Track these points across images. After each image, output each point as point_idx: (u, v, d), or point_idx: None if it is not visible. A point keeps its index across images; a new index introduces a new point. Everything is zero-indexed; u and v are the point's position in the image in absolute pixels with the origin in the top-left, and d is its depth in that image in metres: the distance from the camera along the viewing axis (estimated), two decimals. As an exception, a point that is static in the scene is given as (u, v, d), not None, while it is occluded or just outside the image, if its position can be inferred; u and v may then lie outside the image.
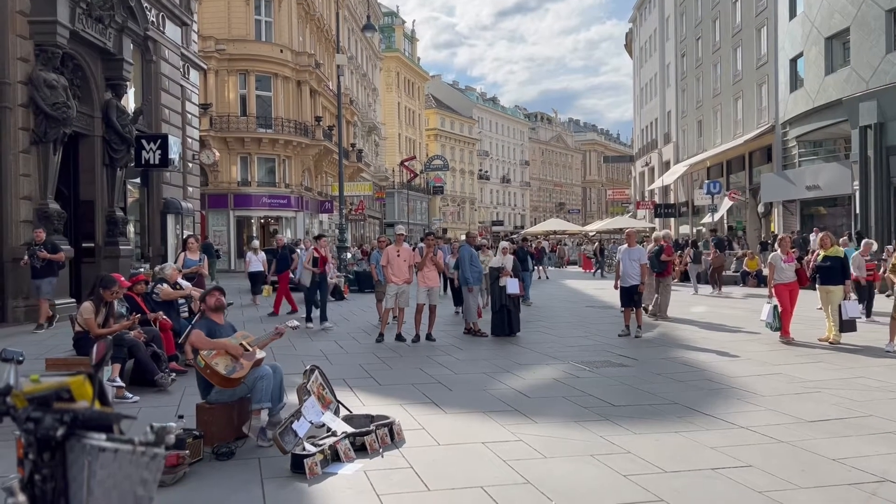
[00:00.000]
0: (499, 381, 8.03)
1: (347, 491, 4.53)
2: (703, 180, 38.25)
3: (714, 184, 32.83)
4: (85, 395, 2.05)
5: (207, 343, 5.55)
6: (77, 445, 1.87)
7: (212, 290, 6.12)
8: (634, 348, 10.51)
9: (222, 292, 6.15)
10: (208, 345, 5.54)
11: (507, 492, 4.47)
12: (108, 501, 1.90)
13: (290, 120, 35.38)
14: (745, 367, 8.81)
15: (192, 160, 22.81)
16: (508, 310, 11.69)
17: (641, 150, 58.33)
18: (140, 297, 8.55)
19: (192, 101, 22.73)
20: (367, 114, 53.85)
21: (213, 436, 5.33)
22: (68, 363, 7.07)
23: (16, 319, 12.76)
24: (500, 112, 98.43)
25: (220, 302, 6.03)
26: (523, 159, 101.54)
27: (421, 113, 74.52)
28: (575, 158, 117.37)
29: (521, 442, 5.59)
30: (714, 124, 39.71)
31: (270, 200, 35.56)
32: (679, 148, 46.18)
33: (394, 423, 5.66)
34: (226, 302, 6.21)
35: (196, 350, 5.58)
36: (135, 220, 18.65)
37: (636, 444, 5.49)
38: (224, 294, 6.18)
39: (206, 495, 4.44)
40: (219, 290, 6.13)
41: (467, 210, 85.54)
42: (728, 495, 4.42)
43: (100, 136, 15.63)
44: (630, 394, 7.39)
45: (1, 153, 12.82)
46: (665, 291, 14.37)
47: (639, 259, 11.75)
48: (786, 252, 10.84)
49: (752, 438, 5.68)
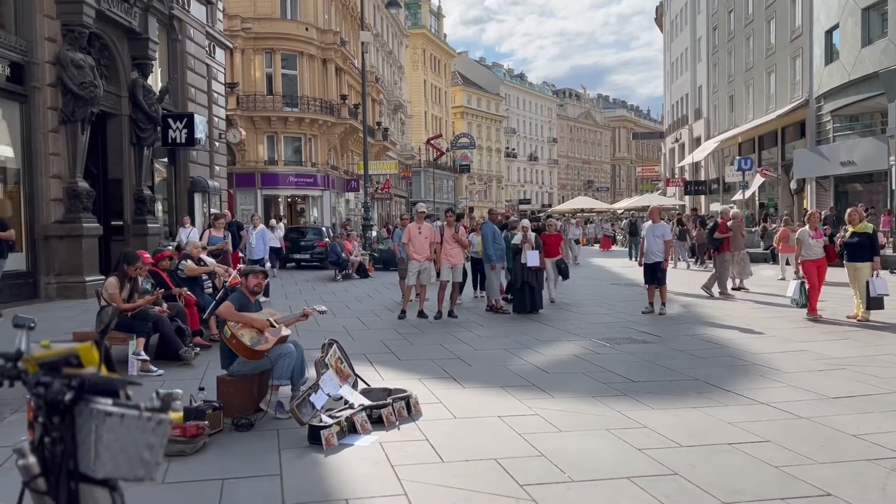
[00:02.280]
0: (518, 357, 8.04)
1: (363, 461, 4.59)
2: (734, 157, 37.56)
3: (745, 160, 32.22)
4: (92, 361, 2.10)
5: (235, 315, 5.63)
6: (85, 410, 1.92)
7: (257, 272, 6.10)
8: (658, 325, 10.44)
9: (265, 276, 6.21)
10: (236, 317, 5.62)
11: (521, 464, 4.50)
12: (115, 464, 1.94)
13: (316, 98, 35.44)
14: (770, 344, 8.71)
15: (219, 139, 22.99)
16: (531, 287, 11.66)
17: (671, 126, 57.43)
18: (165, 273, 8.69)
19: (218, 80, 22.86)
20: (393, 92, 53.71)
21: (234, 408, 5.43)
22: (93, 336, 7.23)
23: (48, 296, 13.06)
24: (527, 89, 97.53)
25: (259, 287, 6.04)
26: (551, 136, 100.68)
27: (447, 90, 74.11)
28: (604, 135, 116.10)
29: (537, 416, 5.60)
30: (746, 99, 38.92)
31: (297, 179, 35.78)
32: (710, 124, 45.39)
33: (410, 397, 5.71)
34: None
35: (223, 321, 5.67)
36: (162, 199, 18.90)
37: (653, 419, 5.47)
38: (266, 277, 6.23)
39: (225, 464, 4.53)
40: (263, 275, 6.15)
41: (494, 188, 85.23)
42: (743, 469, 4.40)
43: (127, 115, 15.82)
44: (650, 370, 7.35)
45: (31, 132, 13.06)
46: (722, 269, 14.29)
47: (662, 235, 11.63)
48: (814, 228, 10.64)
49: (771, 414, 5.63)
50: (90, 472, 1.95)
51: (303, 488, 4.14)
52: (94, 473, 1.95)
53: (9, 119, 13.02)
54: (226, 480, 4.23)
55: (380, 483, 4.21)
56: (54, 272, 13.21)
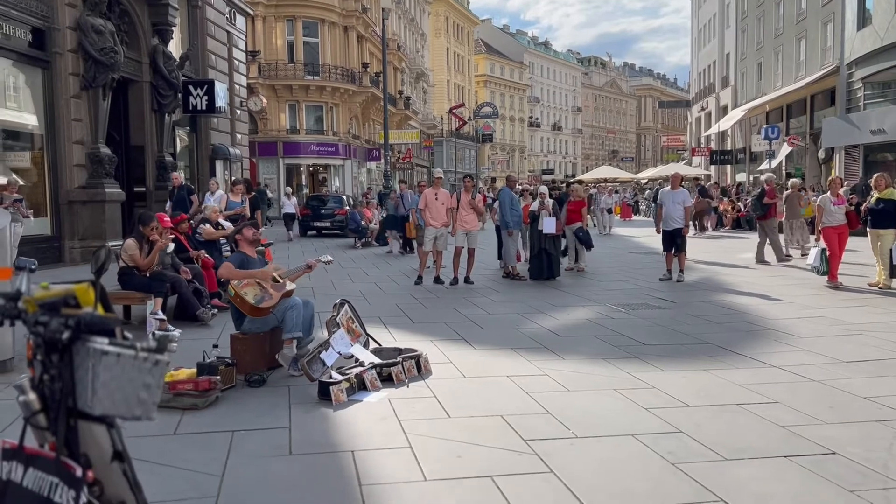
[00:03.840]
0: (531, 321, 8.06)
1: (370, 416, 4.66)
2: (761, 126, 36.87)
3: (772, 129, 31.62)
4: (88, 301, 2.15)
5: (237, 274, 5.70)
6: (82, 349, 1.97)
7: (247, 224, 6.25)
8: (675, 291, 10.38)
9: (255, 226, 6.31)
10: (238, 275, 5.69)
11: (526, 420, 4.54)
12: (112, 402, 2.00)
13: (338, 67, 35.31)
14: (787, 310, 8.63)
15: (240, 107, 23.04)
16: (548, 253, 11.63)
17: (698, 94, 56.41)
18: (183, 237, 8.80)
19: (239, 48, 22.85)
20: (415, 60, 53.31)
21: (247, 364, 5.53)
22: (114, 297, 7.36)
23: (72, 260, 13.29)
24: (552, 57, 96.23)
25: (256, 234, 6.16)
26: (575, 106, 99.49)
27: (470, 59, 73.35)
28: (629, 104, 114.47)
29: (546, 376, 5.63)
30: (775, 67, 38.06)
31: (318, 148, 35.83)
32: (737, 92, 44.50)
33: (420, 356, 5.76)
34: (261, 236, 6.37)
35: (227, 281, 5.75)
36: (184, 166, 19.04)
37: (662, 380, 5.47)
38: (257, 227, 6.33)
39: (235, 418, 4.62)
40: (252, 224, 6.27)
41: (517, 158, 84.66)
42: (749, 428, 4.40)
43: (148, 81, 15.91)
44: (663, 334, 7.33)
45: (53, 98, 13.19)
46: (773, 235, 14.20)
47: (682, 202, 11.50)
48: (835, 194, 10.46)
49: (782, 377, 5.60)
50: (88, 409, 2.00)
51: (310, 440, 4.22)
52: (91, 410, 2.01)
53: (31, 85, 13.16)
54: (236, 432, 4.32)
55: (386, 436, 4.28)
56: (78, 237, 13.42)
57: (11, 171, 12.91)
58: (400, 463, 3.85)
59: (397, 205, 17.13)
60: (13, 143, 13.19)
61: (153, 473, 3.67)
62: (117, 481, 2.19)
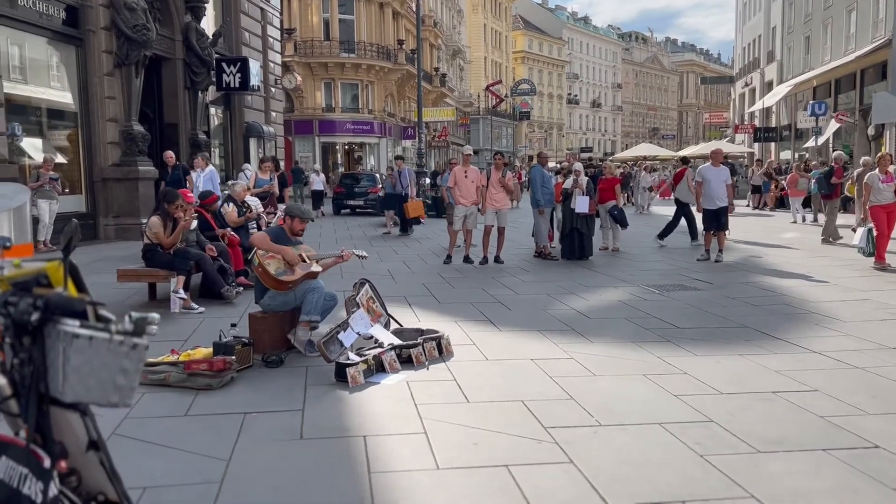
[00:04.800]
0: (561, 302, 7.83)
1: (385, 399, 4.52)
2: (807, 101, 35.66)
3: (819, 104, 30.53)
4: (59, 281, 2.01)
5: (268, 245, 5.58)
6: (53, 331, 1.84)
7: (304, 219, 5.96)
8: (712, 272, 10.04)
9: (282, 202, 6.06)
10: (267, 247, 5.57)
11: (548, 406, 4.35)
12: (84, 388, 1.86)
13: (373, 44, 35.09)
14: (830, 293, 8.25)
15: (275, 85, 23.00)
16: (580, 232, 11.35)
17: (742, 70, 54.79)
18: (210, 215, 8.74)
19: (273, 25, 22.75)
20: (452, 37, 52.74)
21: (265, 344, 5.42)
22: (138, 273, 7.37)
23: (107, 237, 13.43)
24: (591, 32, 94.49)
25: (301, 232, 5.91)
26: (615, 82, 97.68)
27: (508, 35, 72.36)
28: (671, 81, 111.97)
29: (572, 360, 5.42)
30: (823, 40, 36.67)
31: (354, 126, 35.76)
32: (783, 67, 43.07)
33: (442, 337, 5.60)
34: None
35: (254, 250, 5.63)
36: (218, 144, 19.11)
37: (694, 366, 5.23)
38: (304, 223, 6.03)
39: (249, 399, 4.52)
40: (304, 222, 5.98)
41: (555, 136, 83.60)
42: (784, 418, 4.14)
43: (181, 59, 15.93)
44: (698, 317, 7.06)
45: (87, 76, 13.27)
46: (832, 215, 13.86)
47: (726, 179, 11.09)
48: (884, 171, 9.95)
49: (823, 363, 5.31)
50: (59, 396, 1.88)
51: (322, 424, 4.09)
52: (62, 397, 1.88)
53: (66, 62, 13.25)
54: (247, 414, 4.22)
55: (401, 421, 4.13)
56: (112, 214, 13.56)
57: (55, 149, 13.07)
58: (413, 450, 3.70)
59: (395, 183, 16.27)
60: (49, 121, 13.33)
61: (159, 456, 3.59)
62: (95, 471, 2.06)
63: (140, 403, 4.39)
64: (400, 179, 16.03)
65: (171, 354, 5.09)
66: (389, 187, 16.73)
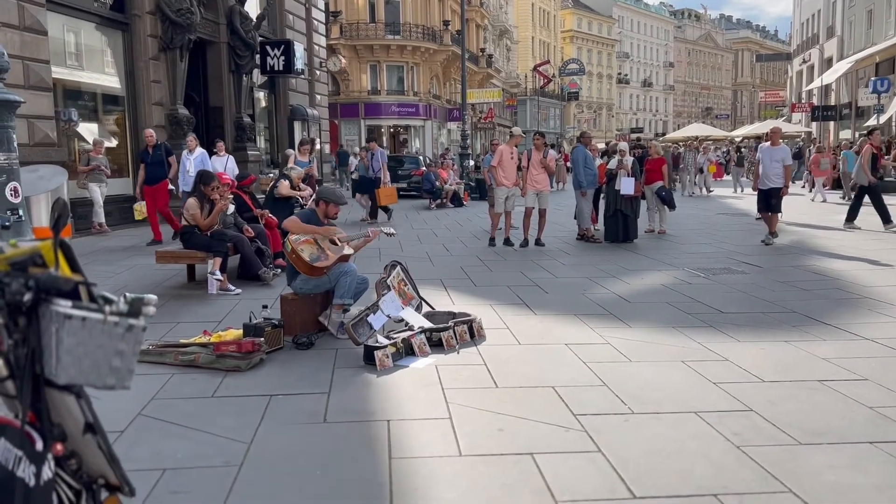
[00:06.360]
0: (600, 286, 7.64)
1: (414, 383, 4.45)
2: (869, 78, 34.18)
3: (882, 81, 29.23)
4: (50, 260, 1.97)
5: (300, 227, 5.56)
6: (48, 312, 1.80)
7: (339, 203, 5.92)
8: (762, 255, 9.68)
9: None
10: (300, 229, 5.55)
11: (579, 393, 4.21)
12: (78, 370, 1.81)
13: (419, 25, 34.91)
14: (887, 277, 7.86)
15: (320, 67, 23.06)
16: (624, 215, 11.07)
17: (800, 46, 52.80)
18: (248, 196, 8.78)
19: (318, 7, 22.77)
20: (499, 17, 52.13)
21: (295, 326, 5.40)
22: (177, 255, 7.44)
23: (153, 220, 13.64)
24: (642, 10, 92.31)
25: (335, 216, 5.88)
26: (667, 61, 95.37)
27: (556, 14, 71.20)
28: (725, 59, 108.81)
29: (609, 345, 5.26)
30: (887, 13, 35.02)
31: (399, 109, 35.73)
32: (844, 43, 41.34)
33: (474, 321, 5.49)
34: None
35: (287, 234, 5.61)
36: (263, 127, 19.27)
37: (736, 352, 5.01)
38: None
39: (276, 380, 4.50)
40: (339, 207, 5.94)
41: (604, 117, 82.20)
42: (829, 408, 3.92)
43: (225, 42, 16.05)
44: (743, 301, 6.79)
45: (133, 60, 13.47)
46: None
47: (782, 160, 10.65)
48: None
49: (875, 351, 5.03)
50: (53, 377, 1.84)
51: (348, 407, 4.04)
52: (56, 378, 1.84)
53: (113, 47, 13.48)
54: (273, 396, 4.19)
55: (426, 405, 4.05)
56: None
57: (108, 132, 13.34)
58: (436, 435, 3.62)
59: (367, 165, 15.25)
60: (97, 105, 13.59)
61: (182, 437, 3.59)
62: (95, 454, 2.02)
63: (169, 384, 4.41)
64: (372, 162, 15.18)
65: (202, 335, 5.12)
66: (362, 170, 15.59)
